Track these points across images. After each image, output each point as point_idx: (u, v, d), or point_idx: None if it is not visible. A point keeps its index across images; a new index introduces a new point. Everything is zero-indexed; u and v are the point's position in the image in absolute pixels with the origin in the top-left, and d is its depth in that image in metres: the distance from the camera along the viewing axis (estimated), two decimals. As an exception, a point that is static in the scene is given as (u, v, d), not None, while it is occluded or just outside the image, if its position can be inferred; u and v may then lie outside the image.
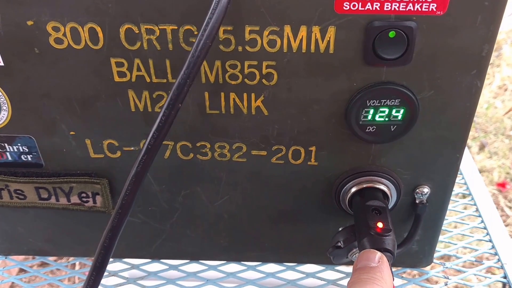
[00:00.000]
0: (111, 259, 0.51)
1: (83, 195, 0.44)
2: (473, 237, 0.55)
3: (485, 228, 0.55)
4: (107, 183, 0.43)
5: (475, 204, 0.58)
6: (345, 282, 0.50)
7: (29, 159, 0.43)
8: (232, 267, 0.51)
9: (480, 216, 0.57)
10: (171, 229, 0.47)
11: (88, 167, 0.43)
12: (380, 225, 0.40)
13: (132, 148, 0.42)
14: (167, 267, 0.51)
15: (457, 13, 0.34)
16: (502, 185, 1.44)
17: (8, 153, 0.42)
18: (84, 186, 0.44)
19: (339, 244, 0.42)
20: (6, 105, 0.39)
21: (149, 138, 0.31)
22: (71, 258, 0.59)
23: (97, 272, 0.36)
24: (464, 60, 0.36)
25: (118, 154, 0.42)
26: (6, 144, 0.42)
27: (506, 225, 1.34)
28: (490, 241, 0.54)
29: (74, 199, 0.44)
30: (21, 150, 0.42)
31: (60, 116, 0.40)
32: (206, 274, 0.50)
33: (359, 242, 0.40)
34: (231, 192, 0.44)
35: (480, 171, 1.51)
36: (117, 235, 0.33)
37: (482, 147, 1.61)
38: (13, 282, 0.50)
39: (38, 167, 0.43)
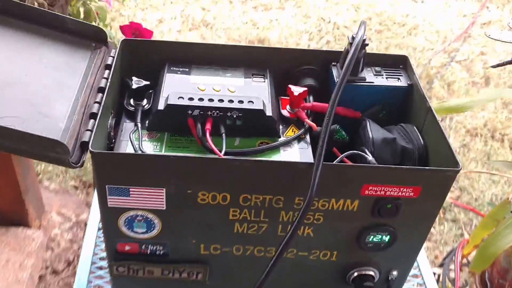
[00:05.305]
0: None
1: (191, 273, 0.71)
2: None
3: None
4: (208, 268, 0.70)
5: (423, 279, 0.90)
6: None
7: (161, 253, 0.69)
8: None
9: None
10: (237, 291, 0.75)
11: (197, 258, 0.70)
12: (371, 297, 0.70)
13: (227, 249, 0.69)
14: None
15: (423, 197, 0.63)
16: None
17: (149, 249, 0.69)
18: (192, 269, 0.70)
19: (345, 306, 0.72)
20: (159, 225, 0.66)
21: (268, 267, 0.59)
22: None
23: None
24: (424, 216, 0.66)
25: (218, 252, 0.69)
26: (150, 245, 0.68)
27: None
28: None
29: (184, 275, 0.71)
30: (158, 248, 0.68)
31: (190, 233, 0.67)
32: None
33: (359, 308, 0.70)
34: (280, 275, 0.72)
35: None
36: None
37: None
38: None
39: (165, 257, 0.70)
